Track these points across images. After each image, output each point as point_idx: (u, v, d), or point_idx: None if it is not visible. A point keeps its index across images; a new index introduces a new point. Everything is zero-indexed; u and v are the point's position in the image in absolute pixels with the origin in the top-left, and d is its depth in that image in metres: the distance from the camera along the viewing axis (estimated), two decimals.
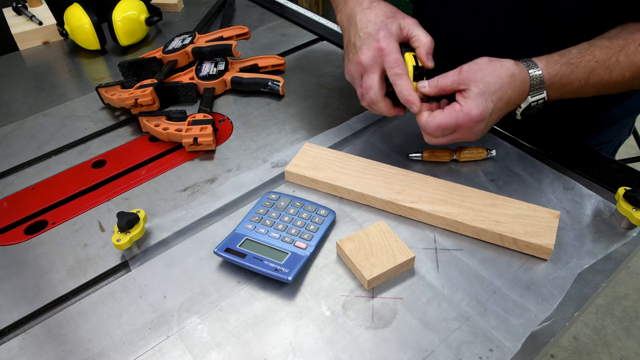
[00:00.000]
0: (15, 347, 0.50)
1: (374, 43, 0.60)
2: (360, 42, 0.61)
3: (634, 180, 0.66)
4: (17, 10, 1.05)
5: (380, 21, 0.61)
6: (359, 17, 0.63)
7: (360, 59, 0.61)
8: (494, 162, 0.69)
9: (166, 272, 0.57)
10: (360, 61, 0.61)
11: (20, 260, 0.59)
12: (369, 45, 0.60)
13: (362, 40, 0.61)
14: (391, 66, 0.60)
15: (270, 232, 0.58)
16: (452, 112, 0.57)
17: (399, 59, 0.60)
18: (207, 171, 0.70)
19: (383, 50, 0.60)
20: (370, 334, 0.50)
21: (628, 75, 0.62)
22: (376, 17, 0.62)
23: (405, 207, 0.61)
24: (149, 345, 0.50)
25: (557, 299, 0.52)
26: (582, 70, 0.61)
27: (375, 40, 0.60)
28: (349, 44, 0.64)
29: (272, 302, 0.53)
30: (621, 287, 1.70)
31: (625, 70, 0.62)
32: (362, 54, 0.61)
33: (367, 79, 0.61)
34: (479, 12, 0.78)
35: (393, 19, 0.62)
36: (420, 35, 0.62)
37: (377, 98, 0.62)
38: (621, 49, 0.62)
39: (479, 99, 0.57)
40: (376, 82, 0.61)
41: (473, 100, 0.57)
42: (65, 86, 0.91)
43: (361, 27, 0.62)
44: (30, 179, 0.71)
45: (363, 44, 0.61)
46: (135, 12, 0.99)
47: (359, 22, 0.63)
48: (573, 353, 1.53)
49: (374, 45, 0.60)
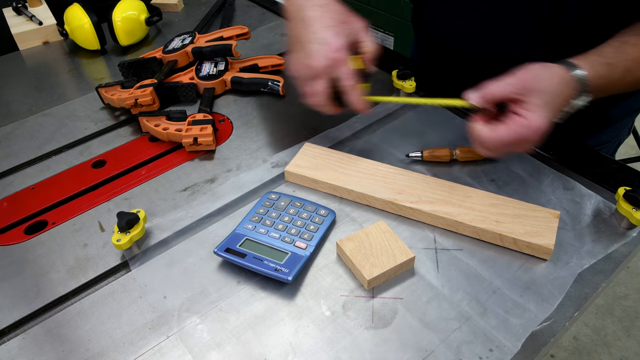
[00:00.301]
0: (15, 347, 0.50)
1: (328, 52, 0.60)
2: (313, 46, 0.61)
3: (634, 180, 0.66)
4: (17, 10, 1.05)
5: (335, 26, 0.61)
6: (312, 16, 0.62)
7: (312, 64, 0.61)
8: (494, 162, 0.69)
9: (166, 272, 0.57)
10: (312, 66, 0.61)
11: (20, 260, 0.59)
12: (322, 53, 0.60)
13: (315, 45, 0.61)
14: (344, 77, 0.61)
15: (270, 232, 0.58)
16: (517, 126, 0.55)
17: (351, 70, 0.61)
18: (207, 171, 0.70)
19: (337, 61, 0.60)
20: (370, 334, 0.50)
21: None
22: (331, 20, 0.61)
23: (405, 207, 0.61)
24: (149, 345, 0.50)
25: (557, 299, 0.52)
26: (619, 70, 0.61)
27: (329, 49, 0.60)
28: (297, 39, 0.63)
29: (272, 302, 0.53)
30: (621, 287, 1.70)
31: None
32: (314, 59, 0.60)
33: (316, 84, 0.62)
34: (478, 12, 0.78)
35: (346, 24, 0.62)
36: (367, 42, 0.64)
37: (324, 103, 0.63)
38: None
39: (542, 110, 0.55)
40: (325, 88, 0.62)
41: (537, 113, 0.54)
42: (65, 86, 0.91)
43: (315, 30, 0.61)
44: (30, 179, 0.71)
45: (316, 49, 0.60)
46: (135, 12, 0.99)
47: (312, 22, 0.61)
48: (573, 353, 1.53)
49: (328, 54, 0.60)
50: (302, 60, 0.62)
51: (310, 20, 0.62)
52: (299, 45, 0.62)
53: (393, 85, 0.81)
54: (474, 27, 0.81)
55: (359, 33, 0.63)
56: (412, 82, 0.79)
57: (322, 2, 0.63)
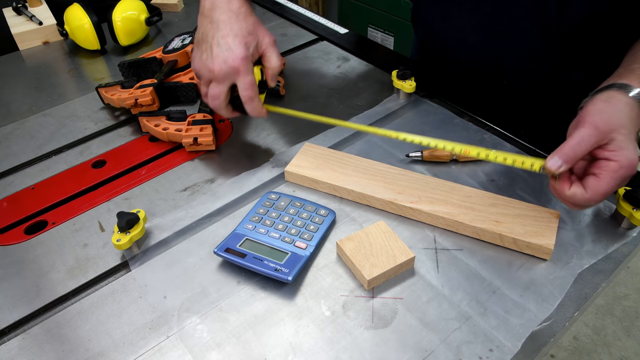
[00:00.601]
0: (15, 347, 0.50)
1: (231, 60, 0.61)
2: (218, 51, 0.62)
3: (634, 180, 0.66)
4: (17, 10, 1.05)
5: (242, 35, 0.62)
6: (223, 20, 0.63)
7: (213, 69, 0.62)
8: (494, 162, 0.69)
9: (166, 272, 0.57)
10: (213, 70, 0.62)
11: (20, 260, 0.59)
12: (225, 59, 0.61)
13: (220, 50, 0.62)
14: (245, 87, 0.63)
15: (270, 232, 0.58)
16: (612, 173, 0.51)
17: (252, 80, 0.63)
18: (207, 171, 0.70)
19: (239, 70, 0.62)
20: (370, 334, 0.50)
21: None
22: (240, 29, 0.62)
23: (405, 207, 0.61)
24: (149, 345, 0.50)
25: (557, 299, 0.52)
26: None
27: (233, 58, 0.61)
28: (204, 37, 0.64)
29: (272, 302, 0.53)
30: (621, 287, 1.70)
31: None
32: (216, 64, 0.62)
33: (216, 88, 0.64)
34: (481, 14, 0.78)
35: (254, 36, 0.63)
36: (272, 57, 0.65)
37: (222, 106, 0.65)
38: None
39: (629, 143, 0.52)
40: (223, 93, 0.64)
41: (626, 149, 0.52)
42: (65, 86, 0.91)
43: (223, 35, 0.62)
44: (30, 179, 0.71)
45: (220, 54, 0.61)
46: (135, 12, 0.99)
47: (221, 26, 0.62)
48: (573, 353, 1.53)
49: (230, 62, 0.61)
50: (205, 62, 0.63)
51: (219, 23, 0.63)
52: (205, 45, 0.63)
53: (393, 85, 0.81)
54: (476, 29, 0.81)
55: (266, 46, 0.64)
56: (412, 82, 0.79)
57: (235, 7, 0.63)
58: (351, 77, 0.89)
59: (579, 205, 0.53)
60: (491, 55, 0.82)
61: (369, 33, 2.25)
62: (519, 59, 0.80)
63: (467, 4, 0.79)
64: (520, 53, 0.79)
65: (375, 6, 2.17)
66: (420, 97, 0.82)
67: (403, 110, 0.80)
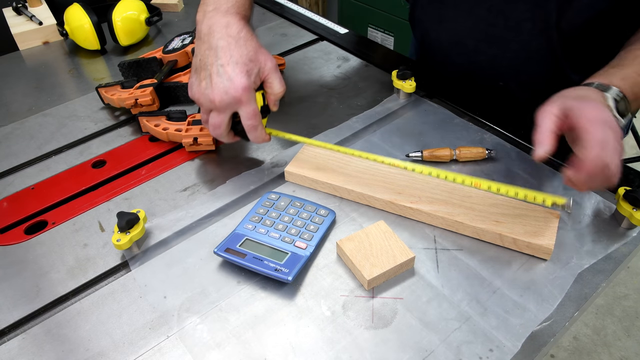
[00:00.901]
0: (15, 347, 0.50)
1: (232, 91, 0.59)
2: (218, 81, 0.60)
3: (634, 180, 0.66)
4: (17, 10, 1.05)
5: (243, 63, 0.60)
6: (222, 46, 0.60)
7: (214, 99, 0.60)
8: (494, 162, 0.69)
9: (166, 272, 0.57)
10: (214, 101, 0.60)
11: (20, 260, 0.59)
12: (226, 90, 0.59)
13: (221, 80, 0.59)
14: (248, 117, 0.61)
15: (270, 232, 0.58)
16: (590, 139, 0.51)
17: (255, 109, 0.61)
18: (207, 171, 0.70)
19: (241, 100, 0.60)
20: (370, 334, 0.50)
21: None
22: (240, 56, 0.60)
23: (405, 207, 0.61)
24: (149, 345, 0.50)
25: (557, 299, 0.52)
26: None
27: (234, 88, 0.59)
28: (203, 64, 0.61)
29: (272, 302, 0.53)
30: (621, 287, 1.70)
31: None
32: (217, 95, 0.60)
33: (217, 118, 0.62)
34: (476, 17, 0.78)
35: (255, 62, 0.61)
36: (274, 83, 0.63)
37: (223, 135, 0.64)
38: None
39: (597, 104, 0.53)
40: (225, 122, 0.63)
41: (595, 109, 0.52)
42: (65, 86, 0.91)
43: (222, 63, 0.59)
44: (30, 179, 0.71)
45: (221, 84, 0.59)
46: (135, 12, 0.99)
47: (220, 53, 0.60)
48: (573, 353, 1.53)
49: (232, 93, 0.59)
50: (205, 91, 0.61)
51: (218, 50, 0.60)
52: (204, 73, 0.61)
53: (393, 85, 0.81)
54: (473, 32, 0.80)
55: (268, 72, 0.63)
56: (412, 82, 0.79)
57: (234, 32, 0.61)
58: (351, 77, 0.89)
59: (579, 185, 0.52)
60: (487, 58, 0.82)
61: (369, 33, 2.25)
62: (515, 62, 0.80)
63: (463, 7, 0.79)
64: (516, 55, 0.79)
65: (375, 6, 2.17)
66: (420, 97, 0.82)
67: (403, 110, 0.80)
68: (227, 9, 0.63)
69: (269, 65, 0.62)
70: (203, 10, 0.64)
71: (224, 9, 0.63)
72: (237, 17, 0.63)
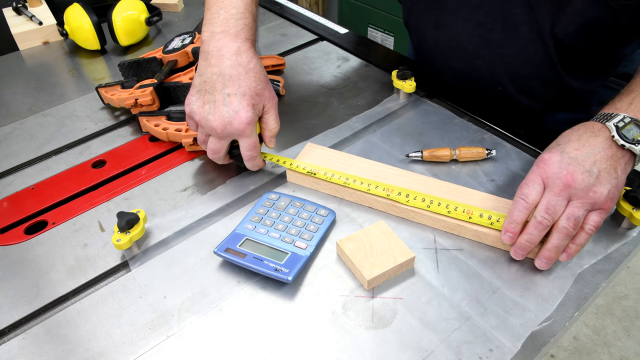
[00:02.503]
0: (15, 347, 0.50)
1: (237, 123, 0.60)
2: (224, 110, 0.60)
3: (634, 180, 0.66)
4: (17, 10, 1.05)
5: (250, 96, 0.60)
6: (231, 75, 0.60)
7: (216, 127, 0.61)
8: (494, 162, 0.69)
9: (166, 272, 0.57)
10: (216, 128, 0.61)
11: (20, 260, 0.59)
12: (230, 121, 0.60)
13: (227, 110, 0.60)
14: (248, 148, 0.63)
15: (270, 232, 0.58)
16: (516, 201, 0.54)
17: (256, 142, 0.63)
18: (207, 171, 0.70)
19: (243, 133, 0.61)
20: (370, 334, 0.50)
21: None
22: (248, 88, 0.60)
23: (406, 210, 0.61)
24: (149, 345, 0.50)
25: (557, 299, 0.52)
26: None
27: (239, 121, 0.60)
28: (208, 89, 0.61)
29: (272, 302, 0.53)
30: (621, 287, 1.70)
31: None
32: (219, 123, 0.60)
33: (217, 144, 0.63)
34: (474, 22, 0.78)
35: (261, 97, 0.62)
36: (270, 121, 0.64)
37: (220, 159, 0.66)
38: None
39: (557, 153, 0.55)
40: (224, 148, 0.64)
41: (552, 158, 0.54)
42: (65, 86, 0.91)
43: (229, 92, 0.60)
44: (30, 179, 0.71)
45: (226, 114, 0.60)
46: (135, 12, 0.99)
47: (228, 83, 0.60)
48: (573, 353, 1.53)
49: (236, 125, 0.60)
50: (207, 115, 0.61)
51: (226, 78, 0.60)
52: (208, 97, 0.61)
53: (393, 85, 0.81)
54: (471, 37, 0.80)
55: (267, 108, 0.64)
56: (412, 82, 0.79)
57: (245, 60, 0.61)
58: (351, 77, 0.89)
59: (528, 244, 0.54)
60: (484, 63, 0.82)
61: (369, 33, 2.25)
62: (512, 66, 0.80)
63: (461, 13, 0.79)
64: (513, 60, 0.79)
65: (375, 6, 2.16)
66: (420, 97, 0.82)
67: (403, 110, 0.80)
68: (236, 33, 0.62)
69: (271, 103, 0.64)
70: (210, 31, 0.63)
71: (233, 32, 0.62)
72: (247, 43, 0.63)
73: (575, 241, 0.54)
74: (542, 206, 0.53)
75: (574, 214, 0.52)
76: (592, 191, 0.52)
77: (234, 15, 0.63)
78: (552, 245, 0.53)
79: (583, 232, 0.53)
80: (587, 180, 0.52)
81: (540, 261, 0.54)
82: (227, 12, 0.63)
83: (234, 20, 0.63)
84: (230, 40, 0.62)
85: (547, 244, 0.53)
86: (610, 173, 0.53)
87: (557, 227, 0.52)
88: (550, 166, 0.54)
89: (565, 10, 0.69)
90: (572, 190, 0.52)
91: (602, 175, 0.53)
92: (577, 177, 0.52)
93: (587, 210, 0.53)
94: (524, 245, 0.53)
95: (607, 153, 0.54)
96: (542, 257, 0.53)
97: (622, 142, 0.53)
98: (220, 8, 0.63)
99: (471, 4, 0.77)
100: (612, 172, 0.53)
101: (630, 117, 0.55)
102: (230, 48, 0.61)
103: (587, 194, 0.52)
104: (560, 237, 0.52)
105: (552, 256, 0.53)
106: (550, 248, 0.53)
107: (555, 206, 0.52)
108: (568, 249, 0.54)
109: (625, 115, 0.55)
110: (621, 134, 0.54)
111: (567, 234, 0.52)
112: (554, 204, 0.52)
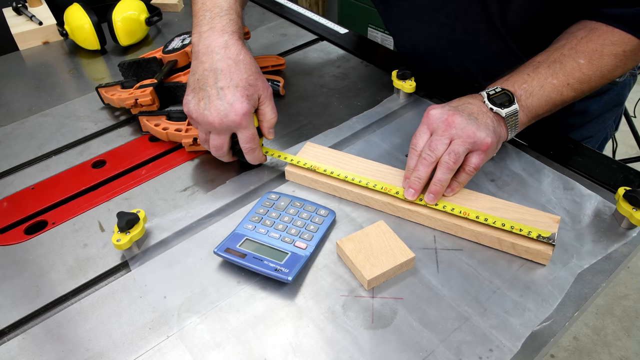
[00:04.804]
0: (15, 347, 0.50)
1: (233, 115, 0.60)
2: (219, 104, 0.60)
3: (634, 180, 0.66)
4: (17, 10, 1.05)
5: (243, 87, 0.60)
6: (222, 69, 0.60)
7: (213, 122, 0.61)
8: (494, 162, 0.69)
9: (166, 272, 0.57)
10: (213, 124, 0.61)
11: (20, 260, 0.59)
12: (226, 114, 0.60)
13: (221, 103, 0.60)
14: (246, 140, 0.63)
15: (270, 232, 0.58)
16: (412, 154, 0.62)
17: (254, 133, 0.63)
18: (207, 171, 0.70)
19: (240, 124, 0.61)
20: (370, 334, 0.50)
21: (584, 62, 0.64)
22: (240, 80, 0.60)
23: (404, 209, 0.61)
24: (149, 345, 0.50)
25: (557, 299, 0.52)
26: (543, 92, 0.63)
27: (234, 113, 0.60)
28: (201, 84, 0.61)
29: (272, 302, 0.53)
30: (621, 287, 1.70)
31: (578, 57, 0.64)
32: (216, 118, 0.60)
33: (218, 139, 0.63)
34: (438, 24, 0.80)
35: (255, 87, 0.62)
36: (266, 111, 0.64)
37: (225, 155, 0.66)
38: (562, 46, 0.65)
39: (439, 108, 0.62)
40: (226, 143, 0.64)
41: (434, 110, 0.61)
42: (65, 86, 0.91)
43: (222, 86, 0.60)
44: (30, 179, 0.71)
45: (221, 108, 0.60)
46: (135, 12, 0.99)
47: (220, 76, 0.60)
48: (573, 353, 1.53)
49: (232, 117, 0.60)
50: (203, 112, 0.61)
51: (217, 72, 0.61)
52: (202, 93, 0.61)
53: (393, 85, 0.81)
54: (439, 37, 0.82)
55: (263, 99, 0.64)
56: (412, 82, 0.79)
57: (233, 54, 0.61)
58: (351, 77, 0.89)
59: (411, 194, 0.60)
60: (456, 63, 0.84)
61: (369, 33, 2.25)
62: (481, 62, 0.82)
63: (425, 17, 0.80)
64: (480, 56, 0.81)
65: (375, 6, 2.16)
66: (420, 97, 0.82)
67: (403, 110, 0.80)
68: (222, 28, 0.63)
69: (266, 93, 0.64)
70: (198, 32, 0.64)
71: (219, 28, 0.63)
72: (234, 36, 0.63)
73: (457, 179, 0.60)
74: (427, 145, 0.60)
75: (454, 150, 0.58)
76: (471, 131, 0.58)
77: (218, 14, 0.64)
78: (437, 179, 0.59)
79: (464, 173, 0.60)
80: (466, 122, 0.59)
81: (428, 196, 0.59)
82: (212, 12, 0.64)
83: (219, 17, 0.64)
84: (218, 36, 0.62)
85: (433, 178, 0.59)
86: (487, 124, 0.60)
87: (440, 163, 0.59)
88: (433, 115, 0.61)
89: (511, 6, 0.71)
90: (452, 130, 0.59)
91: (480, 122, 0.59)
92: (457, 119, 0.59)
93: (467, 149, 0.59)
94: (413, 181, 0.60)
95: (482, 109, 0.61)
96: (429, 192, 0.59)
97: (490, 105, 0.61)
98: (206, 10, 0.65)
99: (433, 6, 0.78)
100: (489, 123, 0.60)
101: (501, 87, 0.63)
102: (218, 43, 0.62)
103: (467, 133, 0.58)
104: (443, 171, 0.58)
105: (438, 190, 0.59)
106: (436, 182, 0.59)
107: (438, 144, 0.59)
108: (451, 184, 0.60)
109: (497, 87, 0.63)
110: (491, 100, 0.61)
111: (449, 167, 0.58)
112: (436, 143, 0.59)
